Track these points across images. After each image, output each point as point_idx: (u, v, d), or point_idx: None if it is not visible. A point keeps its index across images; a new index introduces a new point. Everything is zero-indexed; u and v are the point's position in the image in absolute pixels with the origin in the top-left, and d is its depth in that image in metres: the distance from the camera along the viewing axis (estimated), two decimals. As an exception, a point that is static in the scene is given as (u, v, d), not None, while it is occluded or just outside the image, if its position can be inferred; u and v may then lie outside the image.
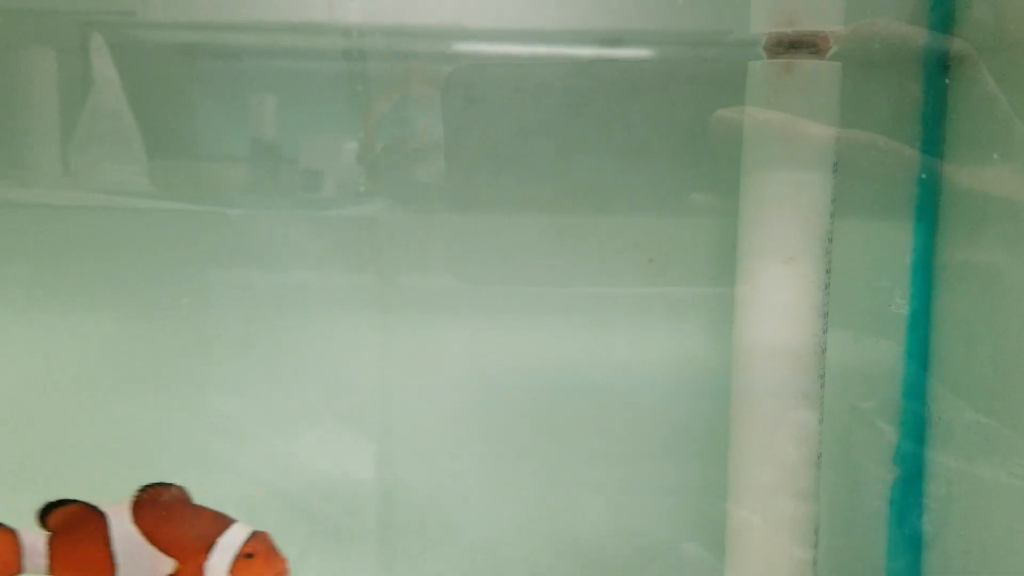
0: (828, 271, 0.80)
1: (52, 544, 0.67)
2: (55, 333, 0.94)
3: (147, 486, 0.66)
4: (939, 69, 0.88)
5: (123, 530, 0.65)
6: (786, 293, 0.78)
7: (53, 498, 0.67)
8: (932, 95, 0.88)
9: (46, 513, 0.67)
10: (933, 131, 0.88)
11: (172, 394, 0.94)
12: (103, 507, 0.66)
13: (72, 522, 0.66)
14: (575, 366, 0.94)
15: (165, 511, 0.65)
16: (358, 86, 0.90)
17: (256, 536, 0.65)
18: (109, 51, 0.89)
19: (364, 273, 0.93)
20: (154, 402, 0.94)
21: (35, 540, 0.67)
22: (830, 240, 0.80)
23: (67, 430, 0.94)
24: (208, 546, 0.64)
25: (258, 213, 0.92)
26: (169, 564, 0.64)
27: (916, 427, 0.90)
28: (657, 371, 0.93)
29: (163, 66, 0.91)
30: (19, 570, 0.67)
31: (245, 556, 0.63)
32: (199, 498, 0.68)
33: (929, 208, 0.90)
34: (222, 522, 0.65)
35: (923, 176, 0.89)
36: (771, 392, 0.79)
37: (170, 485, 0.66)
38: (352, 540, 0.97)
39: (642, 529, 0.95)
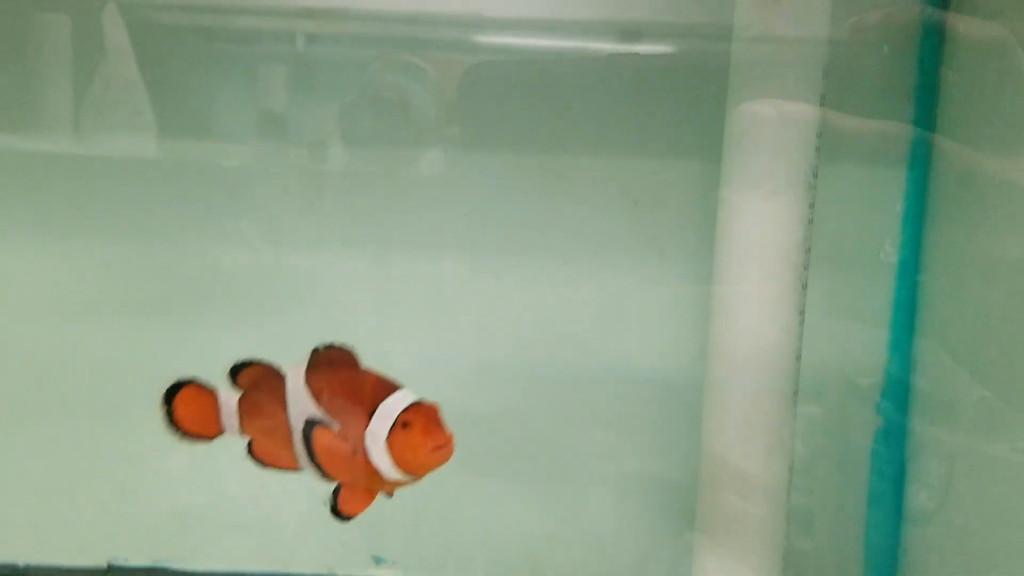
0: (812, 206, 0.78)
1: (241, 403, 0.65)
2: (59, 266, 0.95)
3: (320, 347, 0.62)
4: (937, 12, 0.86)
5: (297, 392, 0.62)
6: (768, 227, 0.77)
7: (241, 359, 0.65)
8: (928, 41, 0.86)
9: (235, 373, 0.65)
10: (929, 79, 0.87)
11: (168, 326, 0.95)
12: (284, 368, 0.64)
13: (257, 382, 0.65)
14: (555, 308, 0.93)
15: (333, 373, 0.62)
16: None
17: (418, 406, 0.59)
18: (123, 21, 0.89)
19: (358, 223, 0.93)
20: (152, 335, 0.94)
21: (229, 400, 0.66)
22: (815, 175, 0.78)
23: (69, 359, 0.95)
24: (370, 412, 0.59)
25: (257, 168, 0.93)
26: (334, 427, 0.61)
27: (901, 376, 0.88)
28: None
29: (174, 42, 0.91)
30: (220, 430, 0.66)
31: (402, 425, 0.59)
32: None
33: (922, 155, 0.88)
34: (386, 388, 0.61)
35: (917, 122, 0.87)
36: (749, 325, 0.77)
37: (341, 347, 0.62)
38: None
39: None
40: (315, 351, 0.62)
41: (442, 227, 0.93)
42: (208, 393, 0.66)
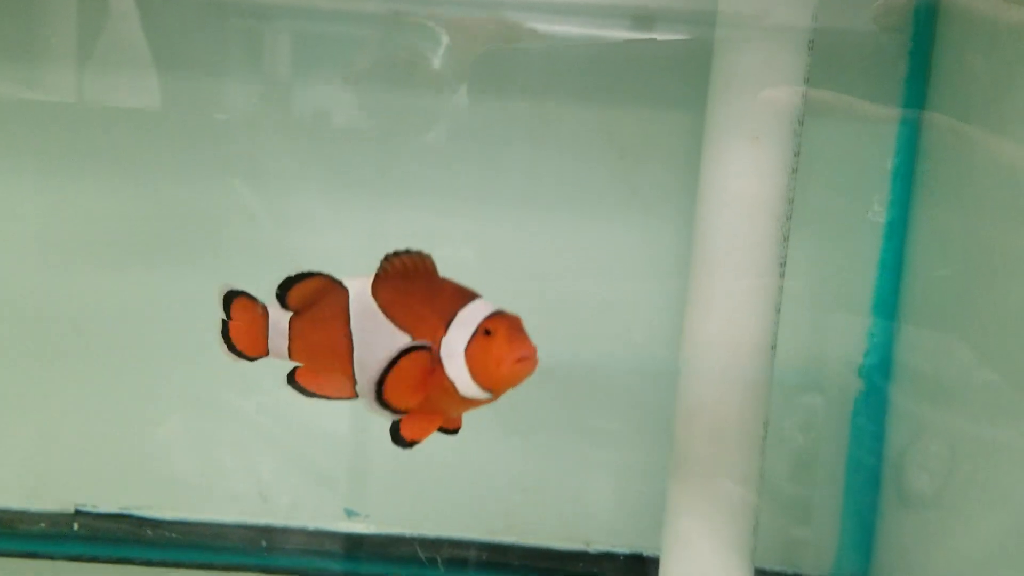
0: (797, 154, 0.76)
1: (292, 323, 0.59)
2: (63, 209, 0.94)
3: (391, 255, 0.56)
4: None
5: (362, 305, 0.57)
6: (750, 174, 0.75)
7: (293, 272, 0.59)
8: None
9: (286, 289, 0.59)
10: (925, 30, 0.84)
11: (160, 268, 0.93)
12: (346, 281, 0.58)
13: (313, 299, 0.59)
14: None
15: (404, 283, 0.56)
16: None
17: (501, 314, 0.55)
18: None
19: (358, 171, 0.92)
20: (141, 282, 0.94)
21: (280, 320, 0.60)
22: (801, 122, 0.76)
23: (74, 301, 0.94)
24: (446, 321, 0.55)
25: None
26: (406, 340, 0.56)
27: (884, 340, 0.87)
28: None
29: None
30: (265, 351, 0.60)
31: (484, 333, 0.54)
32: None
33: (914, 112, 0.86)
34: (464, 296, 0.56)
35: (910, 77, 0.85)
36: (728, 274, 0.75)
37: (418, 253, 0.56)
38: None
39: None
40: (386, 258, 0.57)
41: (432, 174, 0.91)
42: (259, 308, 0.60)
